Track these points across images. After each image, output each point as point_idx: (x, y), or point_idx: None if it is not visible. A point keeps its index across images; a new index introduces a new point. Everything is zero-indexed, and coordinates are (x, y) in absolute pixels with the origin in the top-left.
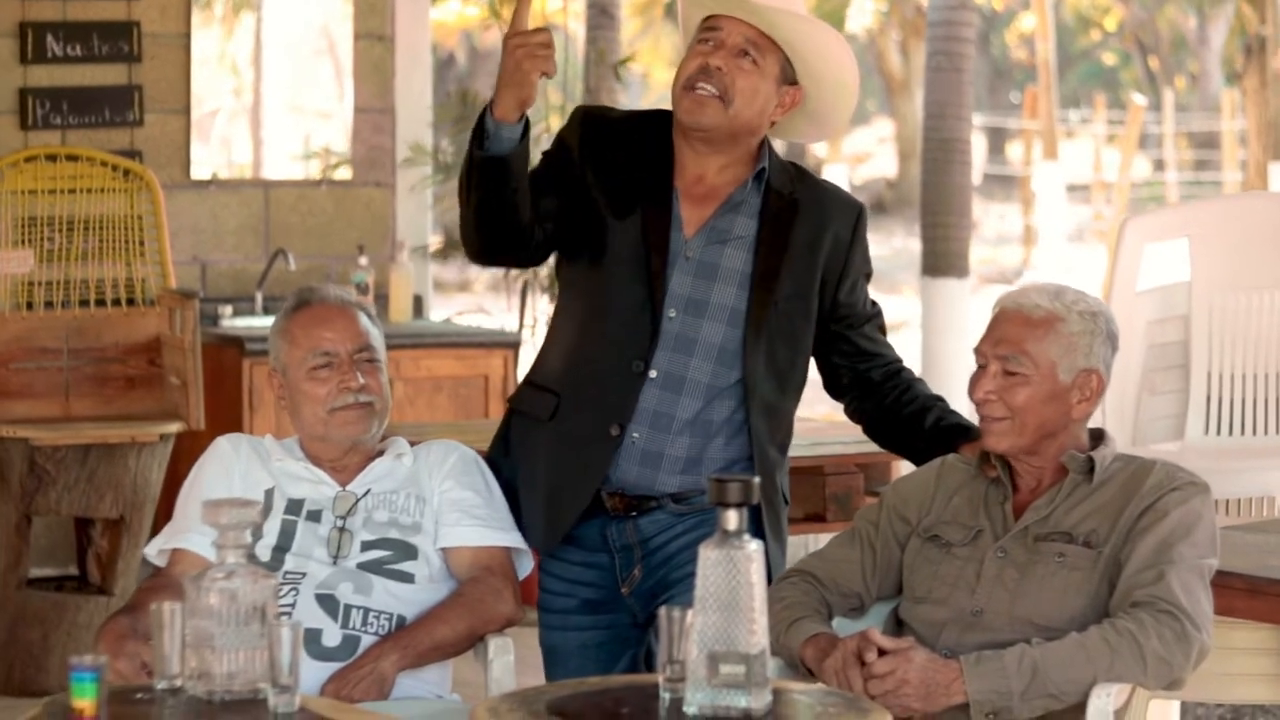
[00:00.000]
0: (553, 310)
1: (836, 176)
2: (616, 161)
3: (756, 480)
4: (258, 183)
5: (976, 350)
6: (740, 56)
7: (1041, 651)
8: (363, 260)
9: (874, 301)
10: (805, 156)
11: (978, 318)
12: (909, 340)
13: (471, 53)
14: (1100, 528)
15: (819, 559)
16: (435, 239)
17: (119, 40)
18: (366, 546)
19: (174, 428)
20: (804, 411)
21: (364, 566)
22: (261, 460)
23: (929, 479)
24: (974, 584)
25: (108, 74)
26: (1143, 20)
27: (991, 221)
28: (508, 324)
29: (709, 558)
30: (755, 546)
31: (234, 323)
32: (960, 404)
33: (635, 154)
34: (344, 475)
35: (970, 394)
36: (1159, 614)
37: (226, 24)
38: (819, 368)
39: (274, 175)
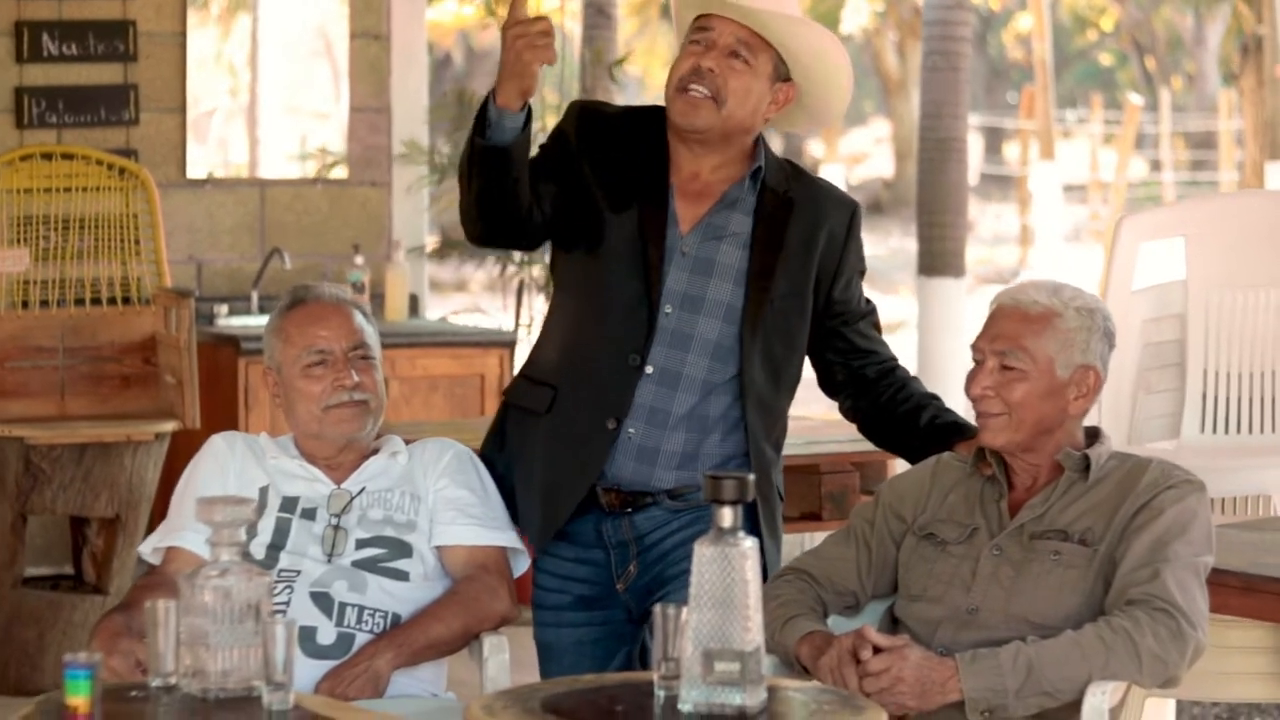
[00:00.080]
0: (548, 306)
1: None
2: (612, 156)
3: (751, 477)
4: (253, 182)
5: (973, 346)
6: (732, 57)
7: (1037, 649)
8: (358, 259)
9: (868, 299)
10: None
11: (974, 317)
12: (906, 340)
13: (468, 53)
14: (1095, 526)
15: (814, 557)
16: (431, 239)
17: (114, 39)
18: (361, 544)
19: (169, 426)
20: (800, 410)
21: (359, 564)
22: (256, 458)
23: (924, 477)
24: (969, 582)
25: (103, 73)
26: (1139, 20)
27: (988, 222)
28: (504, 324)
29: (704, 555)
30: (750, 544)
31: (229, 322)
32: (956, 403)
33: (631, 149)
34: (339, 473)
35: (967, 390)
36: (1154, 612)
37: (223, 24)
38: (814, 365)
39: (269, 174)
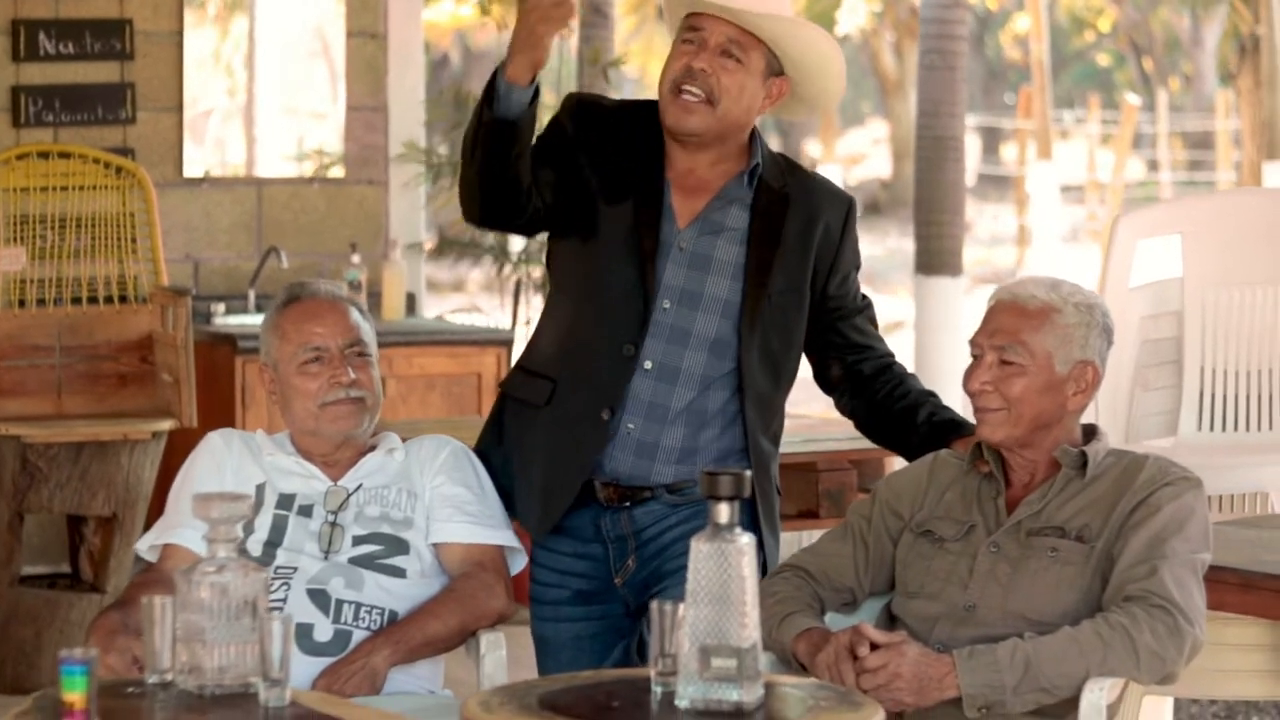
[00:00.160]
0: (545, 300)
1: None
2: (608, 148)
3: (748, 473)
4: (250, 180)
5: (972, 342)
6: (724, 56)
7: (1034, 646)
8: (355, 258)
9: (865, 295)
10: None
11: (971, 317)
12: (904, 340)
13: (465, 53)
14: (1093, 522)
15: (811, 554)
16: (428, 238)
17: (111, 38)
18: (358, 541)
19: (166, 425)
20: (797, 409)
21: (355, 561)
22: (253, 455)
23: (921, 474)
24: (967, 579)
25: (100, 72)
26: (1136, 21)
27: (986, 222)
28: (501, 323)
29: (700, 551)
30: (747, 540)
31: (227, 320)
32: (953, 402)
33: (627, 142)
34: (335, 470)
35: (965, 385)
36: (1152, 608)
37: (220, 24)
38: (810, 360)
39: (266, 173)
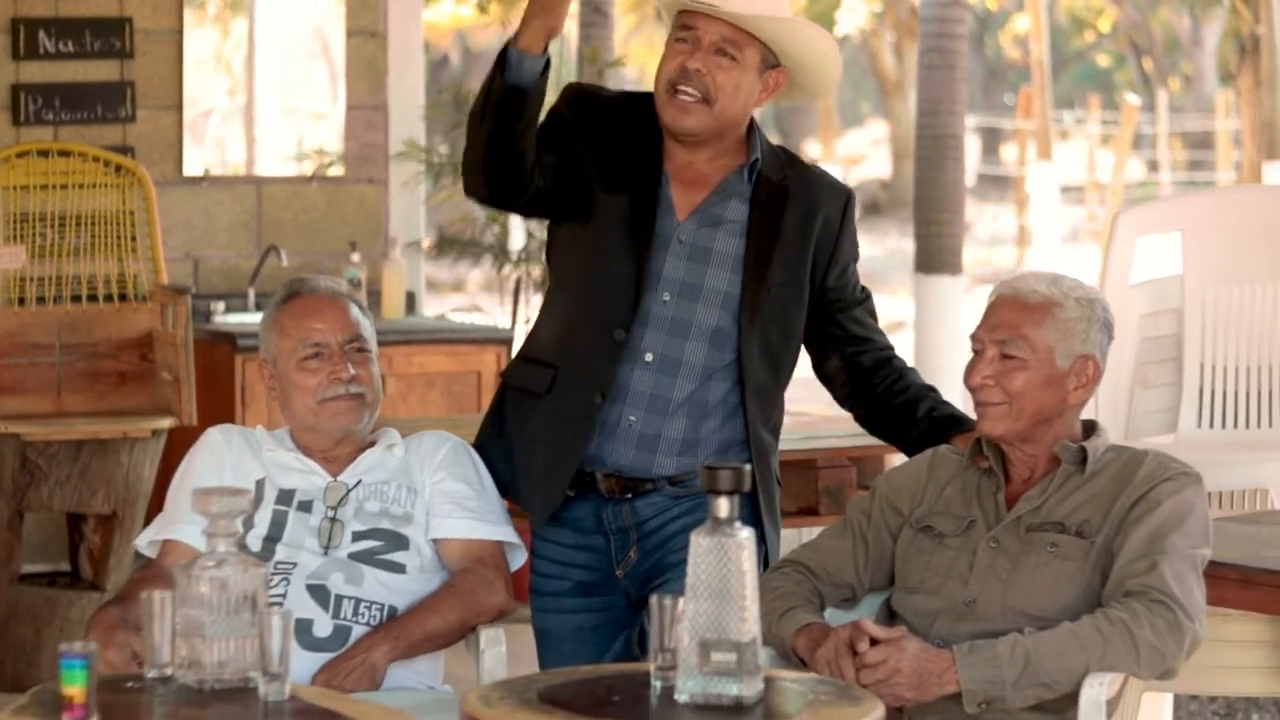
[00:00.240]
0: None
1: None
2: (606, 137)
3: (748, 468)
4: (250, 179)
5: (973, 337)
6: (718, 54)
7: (1034, 641)
8: (355, 257)
9: (864, 287)
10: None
11: (971, 316)
12: (904, 339)
13: (465, 54)
14: (1093, 518)
15: (811, 549)
16: (427, 238)
17: (111, 36)
18: (358, 537)
19: (166, 423)
20: (797, 407)
21: (355, 557)
22: (252, 451)
23: (921, 470)
24: (966, 574)
25: (100, 70)
26: (1136, 22)
27: (985, 223)
28: (501, 323)
29: (700, 545)
30: (746, 534)
31: (226, 319)
32: (953, 398)
33: (626, 133)
34: (335, 466)
35: (966, 380)
36: (1152, 604)
37: (220, 24)
38: (809, 352)
39: (266, 172)
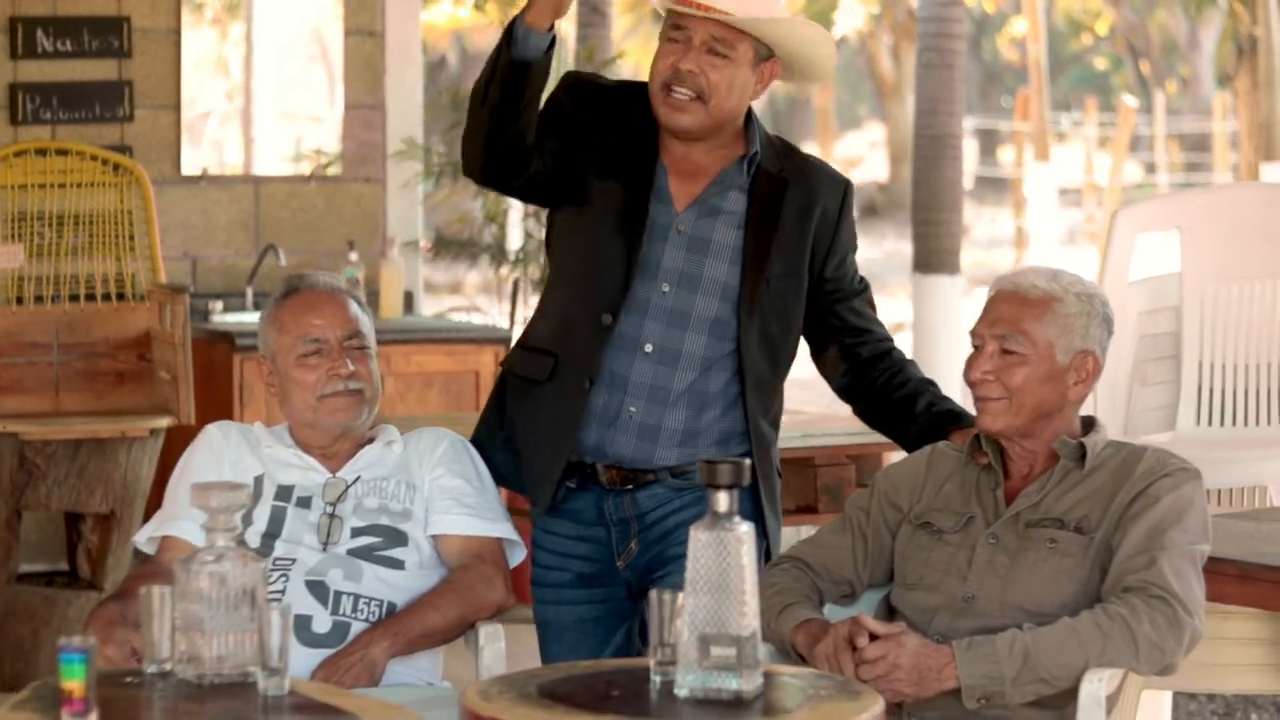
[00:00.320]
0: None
1: None
2: (604, 126)
3: (747, 462)
4: (248, 179)
5: (973, 332)
6: (710, 54)
7: (1033, 637)
8: (353, 256)
9: (862, 278)
10: None
11: (969, 316)
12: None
13: (463, 55)
14: (1092, 514)
15: (810, 546)
16: (425, 239)
17: (109, 35)
18: (356, 533)
19: (164, 422)
20: (796, 405)
21: (354, 553)
22: (251, 447)
23: (920, 466)
24: (965, 570)
25: (98, 69)
26: (1134, 24)
27: (983, 225)
28: (499, 323)
29: (699, 539)
30: (746, 529)
31: (224, 318)
32: (952, 394)
33: (623, 121)
34: (334, 462)
35: (966, 375)
36: (1151, 599)
37: (218, 26)
38: (808, 343)
39: (264, 171)
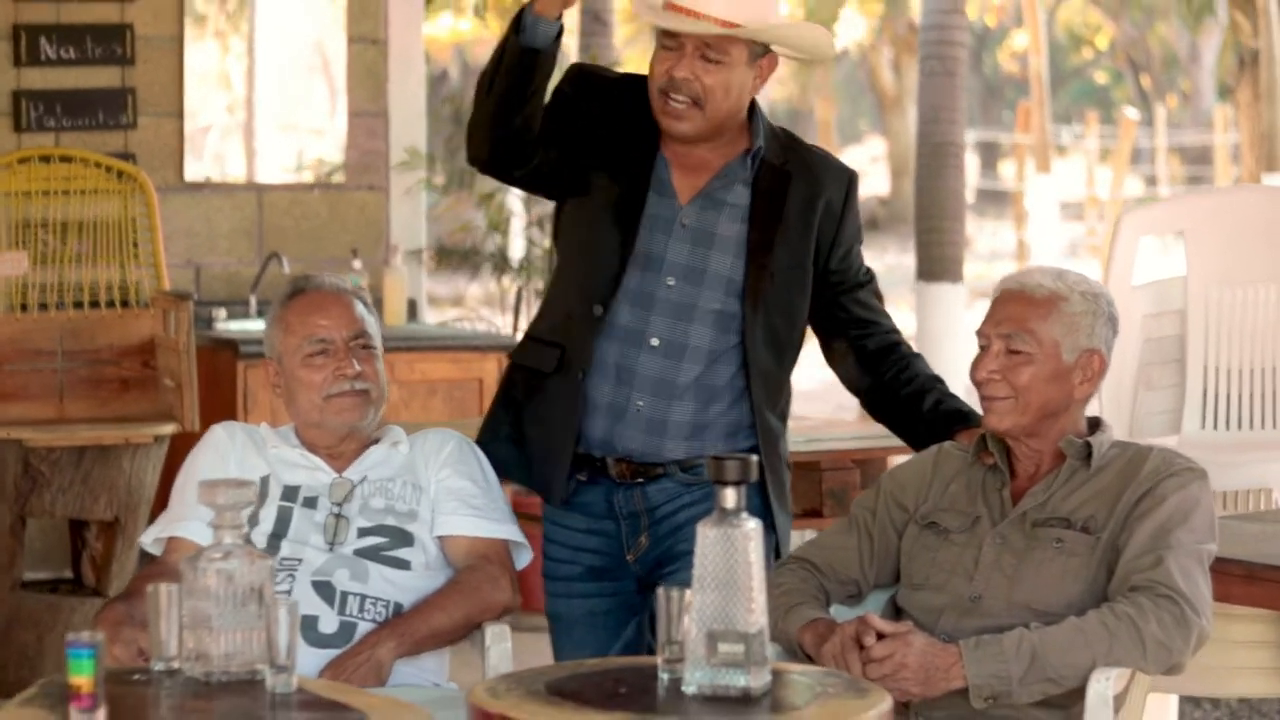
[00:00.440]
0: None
1: None
2: (608, 118)
3: (755, 459)
4: (251, 186)
5: (978, 332)
6: (703, 60)
7: (1040, 636)
8: (356, 264)
9: (868, 269)
10: None
11: (972, 326)
12: None
13: (464, 69)
14: (1098, 513)
15: (816, 546)
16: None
17: (112, 43)
18: (363, 533)
19: (168, 429)
20: (800, 410)
21: (360, 553)
22: (257, 447)
23: (926, 466)
24: (972, 570)
25: (101, 77)
26: (1134, 38)
27: (985, 238)
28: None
29: (707, 536)
30: (753, 525)
31: (228, 326)
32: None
33: (627, 113)
34: (340, 462)
35: (972, 375)
36: (1158, 598)
37: (220, 39)
38: (816, 335)
39: (267, 179)
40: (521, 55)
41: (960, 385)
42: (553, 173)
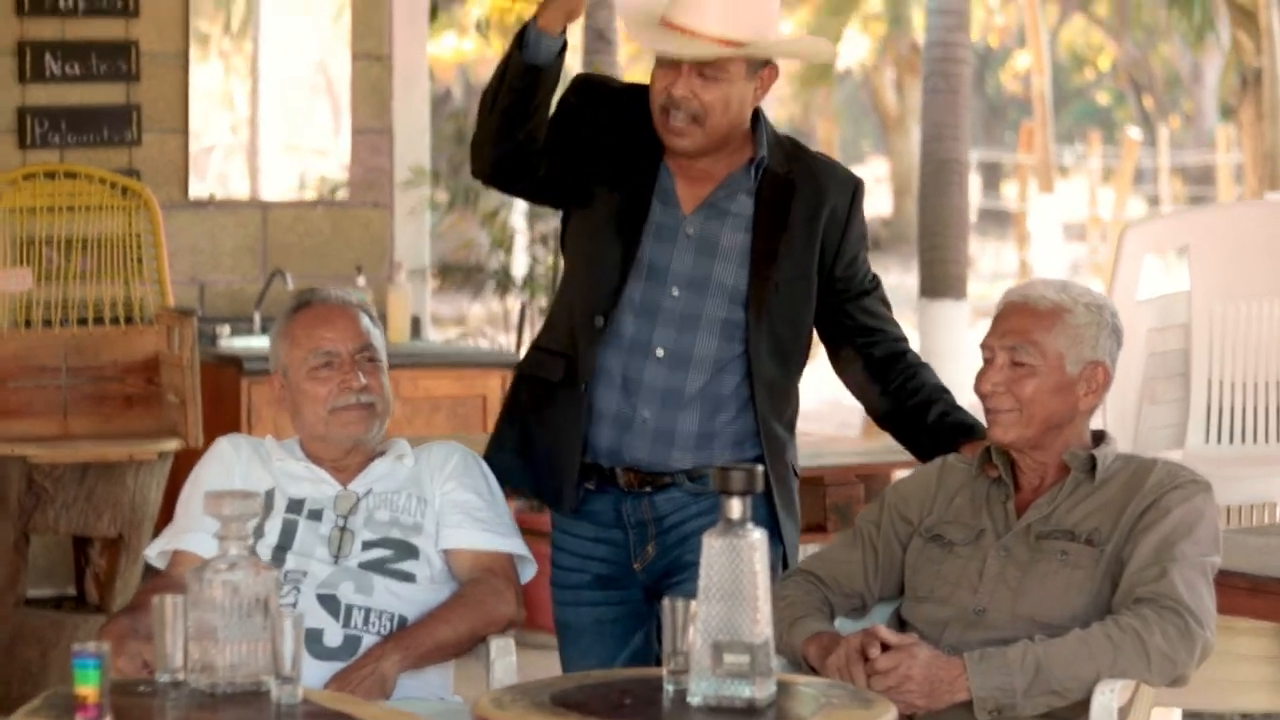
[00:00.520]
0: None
1: None
2: (613, 128)
3: (760, 469)
4: (255, 203)
5: (983, 344)
6: (701, 77)
7: (1045, 648)
8: (360, 281)
9: (874, 275)
10: None
11: (975, 343)
12: None
13: (467, 88)
14: (1102, 526)
15: (821, 559)
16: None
17: (117, 60)
18: (368, 546)
19: (172, 446)
20: (804, 426)
21: (365, 566)
22: (262, 460)
23: (930, 479)
24: (976, 583)
25: (106, 93)
26: (1136, 59)
27: (987, 259)
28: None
29: (713, 547)
30: (759, 535)
31: (232, 342)
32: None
33: (632, 123)
34: (345, 475)
35: (976, 387)
36: (1162, 610)
37: (224, 59)
38: (822, 342)
39: (272, 196)
40: (525, 71)
41: (965, 402)
42: (557, 183)
